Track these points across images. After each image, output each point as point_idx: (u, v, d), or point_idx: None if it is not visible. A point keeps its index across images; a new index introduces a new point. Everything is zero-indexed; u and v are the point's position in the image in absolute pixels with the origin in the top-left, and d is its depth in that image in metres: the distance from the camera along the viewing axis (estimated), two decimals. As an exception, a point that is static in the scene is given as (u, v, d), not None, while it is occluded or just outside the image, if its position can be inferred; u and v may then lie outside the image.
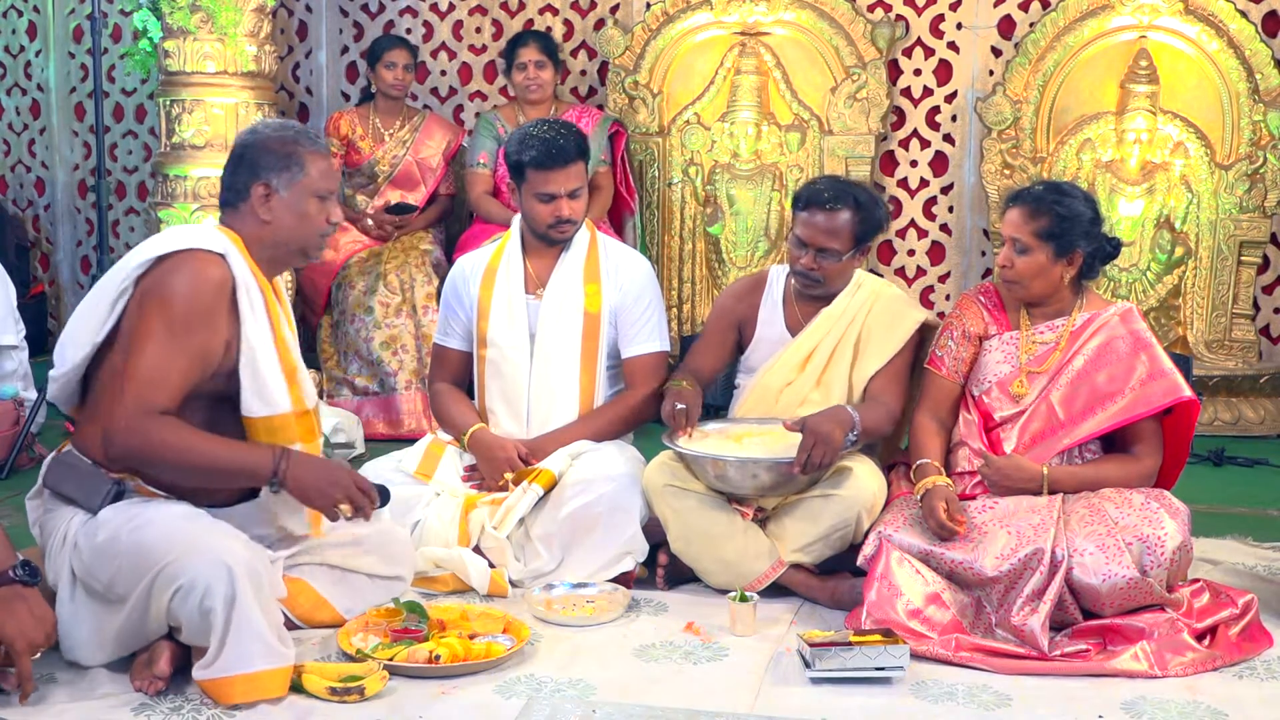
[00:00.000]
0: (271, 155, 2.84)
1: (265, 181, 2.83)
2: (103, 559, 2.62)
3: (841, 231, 3.35)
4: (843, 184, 3.45)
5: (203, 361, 2.72)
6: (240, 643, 2.53)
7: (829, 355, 3.43)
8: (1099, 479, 3.13)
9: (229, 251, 2.76)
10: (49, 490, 2.80)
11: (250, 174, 2.84)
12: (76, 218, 6.50)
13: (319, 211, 2.88)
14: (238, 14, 4.90)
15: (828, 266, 3.38)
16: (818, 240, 3.35)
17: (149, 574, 2.56)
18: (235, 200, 2.86)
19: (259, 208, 2.84)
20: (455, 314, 3.70)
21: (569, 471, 3.40)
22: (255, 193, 2.83)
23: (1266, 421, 5.17)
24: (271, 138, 2.87)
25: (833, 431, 3.12)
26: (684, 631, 3.03)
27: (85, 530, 2.68)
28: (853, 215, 3.35)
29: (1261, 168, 5.14)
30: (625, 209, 5.40)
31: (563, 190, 3.52)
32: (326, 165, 2.90)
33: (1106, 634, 2.90)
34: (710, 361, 3.60)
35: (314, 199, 2.86)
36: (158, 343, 2.67)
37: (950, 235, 5.58)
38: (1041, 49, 5.24)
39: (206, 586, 2.51)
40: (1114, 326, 3.22)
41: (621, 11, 5.78)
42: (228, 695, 2.54)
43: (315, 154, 2.88)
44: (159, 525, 2.61)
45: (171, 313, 2.68)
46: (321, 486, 2.74)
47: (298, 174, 2.84)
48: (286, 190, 2.84)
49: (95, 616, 2.67)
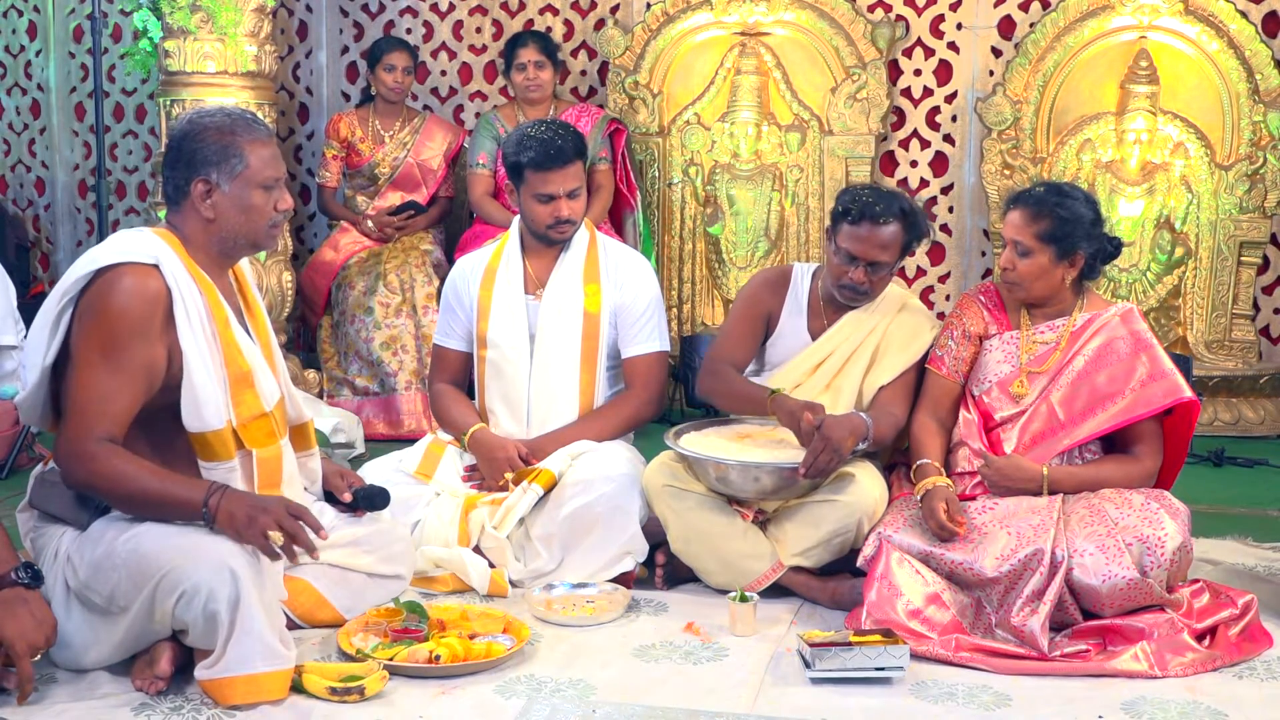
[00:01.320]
0: (208, 148, 2.69)
1: (204, 177, 2.69)
2: (101, 572, 2.60)
3: (892, 244, 3.32)
4: (886, 194, 3.37)
5: (146, 378, 2.62)
6: (242, 644, 2.52)
7: (844, 361, 3.42)
8: (1099, 479, 3.13)
9: (162, 259, 2.64)
10: (36, 510, 2.78)
11: (188, 170, 2.70)
12: (76, 218, 6.50)
13: (265, 201, 2.74)
14: (238, 14, 4.90)
15: (878, 280, 3.37)
16: (870, 254, 3.31)
17: (150, 582, 2.54)
18: (177, 197, 2.73)
19: (200, 205, 2.71)
20: (455, 314, 3.70)
21: (569, 471, 3.40)
22: (195, 190, 2.70)
23: (1266, 422, 5.17)
24: (208, 128, 2.71)
25: (845, 440, 3.12)
26: (684, 631, 3.03)
27: (77, 546, 2.66)
28: (901, 227, 3.32)
29: (1261, 168, 5.14)
30: (626, 207, 5.40)
31: (561, 190, 3.51)
32: (268, 152, 2.74)
33: (1106, 634, 2.90)
34: (747, 351, 3.54)
35: (259, 190, 2.72)
36: (94, 368, 2.58)
37: (950, 235, 5.58)
38: (1041, 49, 5.24)
39: (210, 590, 2.50)
40: (1114, 327, 3.22)
41: (621, 11, 5.78)
42: (228, 696, 2.54)
43: (255, 142, 2.73)
44: (156, 534, 2.59)
45: (105, 334, 2.58)
46: (252, 515, 2.57)
47: (238, 165, 2.70)
48: (228, 184, 2.70)
49: (93, 629, 2.65)
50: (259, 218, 2.75)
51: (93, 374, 2.59)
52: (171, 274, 2.66)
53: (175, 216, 2.77)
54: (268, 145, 2.77)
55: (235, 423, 2.72)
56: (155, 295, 2.62)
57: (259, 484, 2.77)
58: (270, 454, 2.80)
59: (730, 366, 3.49)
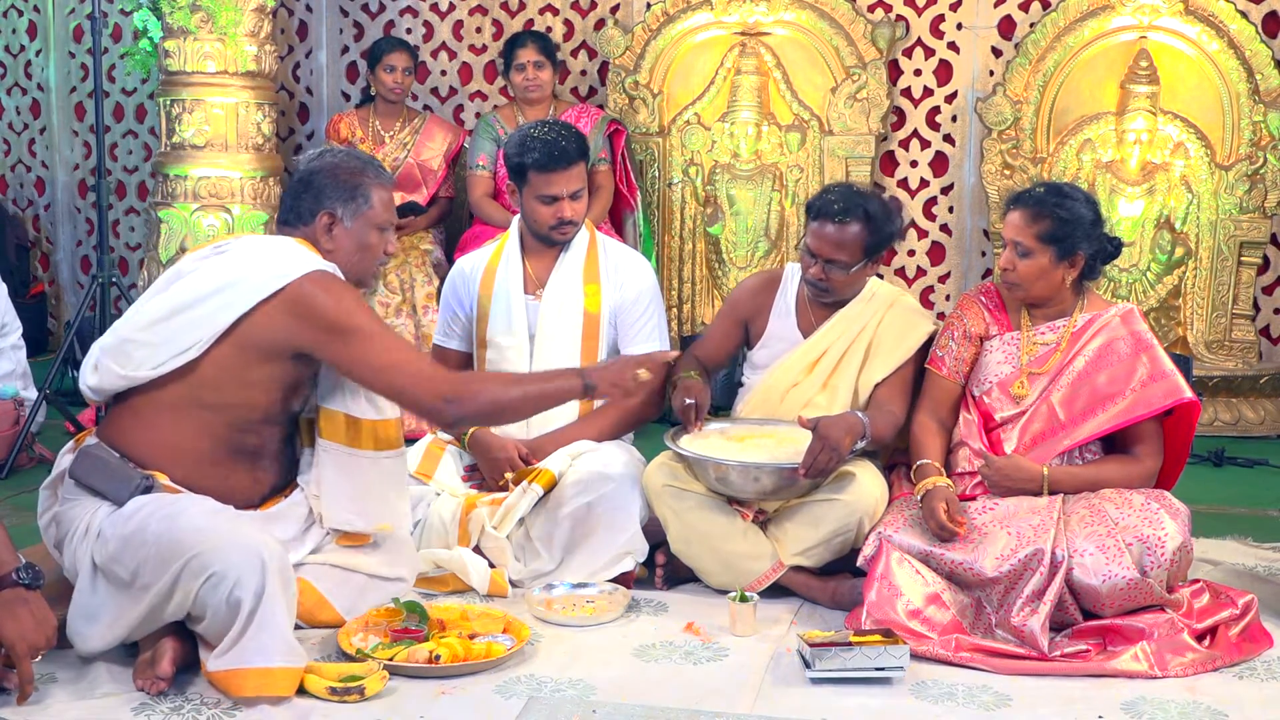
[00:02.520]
0: (339, 186, 2.88)
1: (331, 210, 2.86)
2: (130, 547, 2.62)
3: (850, 244, 3.32)
4: (855, 195, 3.37)
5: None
6: (261, 636, 2.53)
7: (838, 359, 3.42)
8: (1099, 480, 3.13)
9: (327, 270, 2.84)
10: (75, 480, 2.79)
11: (316, 201, 2.87)
12: (76, 217, 6.50)
13: (379, 242, 2.94)
14: (238, 14, 4.91)
15: (835, 277, 3.36)
16: (825, 251, 3.33)
17: (178, 562, 2.56)
18: (296, 223, 2.90)
19: (321, 235, 2.88)
20: (455, 314, 3.70)
21: (569, 471, 3.40)
22: (320, 221, 2.87)
23: (1266, 422, 5.17)
24: (341, 166, 2.90)
25: (842, 439, 3.12)
26: (684, 631, 3.03)
27: (112, 520, 2.68)
28: (862, 228, 3.31)
29: (1261, 168, 5.14)
30: (626, 207, 5.40)
31: (565, 192, 3.52)
32: (389, 197, 2.95)
33: (1106, 634, 2.90)
34: (715, 352, 3.60)
35: (376, 230, 2.92)
36: (384, 333, 2.79)
37: (950, 235, 5.59)
38: (1042, 49, 5.24)
39: (238, 577, 2.53)
40: (1115, 327, 3.22)
41: (621, 11, 5.78)
42: (239, 687, 2.54)
43: (380, 186, 2.92)
44: (190, 516, 2.62)
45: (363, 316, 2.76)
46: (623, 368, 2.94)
47: (363, 205, 2.88)
48: (351, 221, 2.88)
49: (117, 605, 2.67)
50: (370, 257, 2.94)
51: (388, 338, 2.80)
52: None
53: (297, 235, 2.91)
54: (388, 190, 2.97)
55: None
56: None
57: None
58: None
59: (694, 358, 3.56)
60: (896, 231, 3.43)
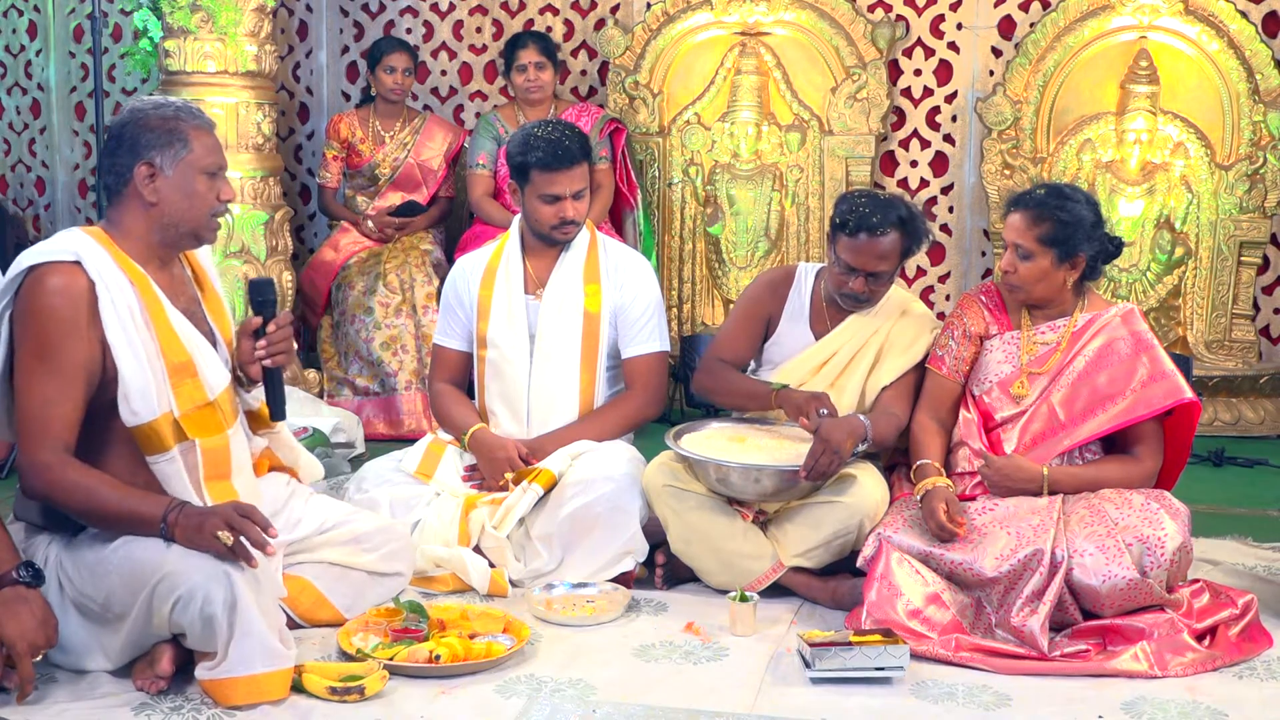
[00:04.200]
0: (153, 133, 2.70)
1: (148, 160, 2.69)
2: (95, 579, 2.60)
3: (890, 254, 3.32)
4: (884, 203, 3.33)
5: (85, 377, 2.61)
6: (242, 645, 2.52)
7: (848, 361, 3.42)
8: (1099, 480, 3.13)
9: (84, 254, 2.63)
10: (22, 522, 2.76)
11: (131, 155, 2.70)
12: (76, 217, 6.50)
13: (208, 189, 2.74)
14: (238, 14, 4.90)
15: (878, 289, 3.37)
16: (869, 265, 3.31)
17: (146, 588, 2.54)
18: (118, 184, 2.72)
19: (143, 189, 2.70)
20: (455, 314, 3.70)
21: (569, 471, 3.40)
22: (139, 173, 2.69)
23: (1266, 421, 5.17)
24: (151, 115, 2.73)
25: (844, 442, 3.12)
26: (684, 631, 3.03)
27: (68, 553, 2.65)
28: (900, 236, 3.31)
29: (1261, 168, 5.14)
30: (626, 206, 5.40)
31: (567, 191, 3.52)
32: (212, 141, 2.76)
33: (1106, 634, 2.90)
34: (746, 351, 3.57)
35: (202, 176, 2.73)
36: (33, 373, 2.58)
37: (950, 235, 5.58)
38: (1042, 49, 5.24)
39: (206, 594, 2.50)
40: (1115, 328, 3.22)
41: (622, 11, 5.78)
42: (229, 697, 2.54)
43: (199, 129, 2.74)
44: (148, 540, 2.58)
45: (37, 337, 2.58)
46: (201, 521, 2.57)
47: (181, 150, 2.70)
48: (171, 168, 2.70)
49: (92, 635, 2.65)
50: (201, 205, 2.75)
51: (33, 380, 2.59)
52: (94, 268, 2.64)
53: (114, 210, 2.76)
54: (210, 134, 2.78)
55: (177, 413, 2.70)
56: (79, 291, 2.60)
57: (205, 473, 2.75)
58: (216, 443, 2.78)
59: (728, 364, 3.51)
60: (926, 231, 3.43)
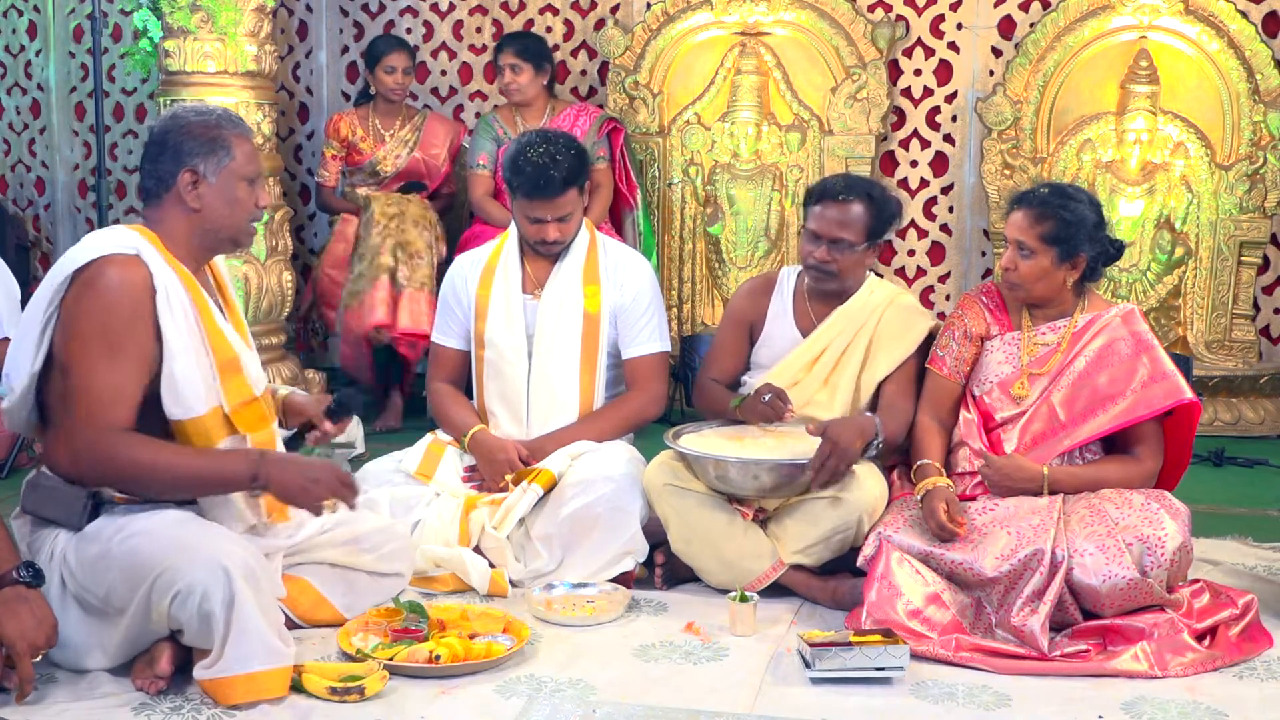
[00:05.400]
0: (196, 141, 2.76)
1: (192, 168, 2.75)
2: (96, 573, 2.61)
3: (854, 223, 3.35)
4: (854, 179, 3.51)
5: (147, 365, 2.66)
6: (240, 644, 2.52)
7: (838, 356, 3.43)
8: (1099, 480, 3.13)
9: (143, 249, 2.68)
10: (30, 515, 2.77)
11: (175, 161, 2.75)
12: (76, 217, 6.50)
13: (248, 195, 2.81)
14: (238, 14, 4.90)
15: (842, 259, 3.37)
16: (831, 231, 3.35)
17: (145, 583, 2.55)
18: (159, 189, 2.78)
19: (186, 195, 2.75)
20: (453, 313, 3.70)
21: (569, 472, 3.40)
22: (182, 180, 2.75)
23: (1266, 421, 5.17)
24: (194, 123, 2.78)
25: (853, 443, 3.12)
26: (684, 631, 3.03)
27: (74, 546, 2.66)
28: (865, 208, 3.36)
29: (1261, 168, 5.14)
30: (625, 206, 5.40)
31: (549, 216, 3.51)
32: (251, 149, 2.83)
33: (1106, 634, 2.90)
34: (732, 364, 3.61)
35: (242, 183, 2.79)
36: (98, 360, 2.61)
37: (950, 235, 5.58)
38: (1042, 49, 5.24)
39: (204, 590, 2.50)
40: (1115, 328, 3.22)
41: (622, 11, 5.78)
42: (228, 695, 2.54)
43: (240, 137, 2.81)
44: (150, 534, 2.59)
45: (103, 325, 2.61)
46: (304, 485, 2.70)
47: (224, 158, 2.77)
48: (214, 175, 2.76)
49: (92, 630, 2.66)
50: (242, 211, 2.82)
51: (97, 366, 2.62)
52: (152, 262, 2.69)
53: (154, 211, 2.80)
54: (249, 141, 2.85)
55: (227, 408, 2.75)
56: (141, 282, 2.66)
57: None
58: (264, 438, 2.84)
59: (716, 383, 3.57)
60: (896, 213, 3.46)
